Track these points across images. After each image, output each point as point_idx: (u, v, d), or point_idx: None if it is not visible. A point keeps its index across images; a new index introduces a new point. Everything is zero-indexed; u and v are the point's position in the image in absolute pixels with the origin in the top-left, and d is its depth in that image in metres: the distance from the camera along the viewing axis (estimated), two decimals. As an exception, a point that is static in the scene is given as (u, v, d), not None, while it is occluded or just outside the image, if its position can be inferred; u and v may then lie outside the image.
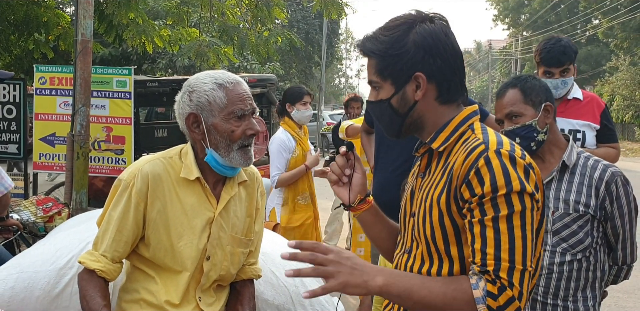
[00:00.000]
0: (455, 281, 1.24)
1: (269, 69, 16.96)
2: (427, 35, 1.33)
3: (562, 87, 2.96)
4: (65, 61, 10.26)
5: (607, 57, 32.97)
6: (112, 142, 5.35)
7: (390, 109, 1.37)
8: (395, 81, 1.35)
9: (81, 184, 4.48)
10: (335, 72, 52.73)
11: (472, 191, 1.23)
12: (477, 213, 1.23)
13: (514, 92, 2.06)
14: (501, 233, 1.20)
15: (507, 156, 1.24)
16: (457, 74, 1.36)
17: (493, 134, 1.33)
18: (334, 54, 31.59)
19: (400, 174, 2.84)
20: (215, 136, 1.81)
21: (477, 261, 1.22)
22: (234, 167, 1.85)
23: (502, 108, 2.08)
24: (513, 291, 1.18)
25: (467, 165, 1.25)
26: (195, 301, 1.86)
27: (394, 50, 1.34)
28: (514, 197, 1.21)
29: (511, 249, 1.20)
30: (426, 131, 1.39)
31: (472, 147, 1.27)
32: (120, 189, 1.84)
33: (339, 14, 7.31)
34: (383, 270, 1.27)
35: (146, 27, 6.91)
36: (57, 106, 5.36)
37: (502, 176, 1.22)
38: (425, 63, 1.32)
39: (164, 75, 14.52)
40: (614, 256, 2.11)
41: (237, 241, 1.93)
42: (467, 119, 1.37)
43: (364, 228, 1.60)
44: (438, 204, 1.30)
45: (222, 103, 1.80)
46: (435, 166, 1.37)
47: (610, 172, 2.01)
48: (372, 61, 1.38)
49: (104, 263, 1.79)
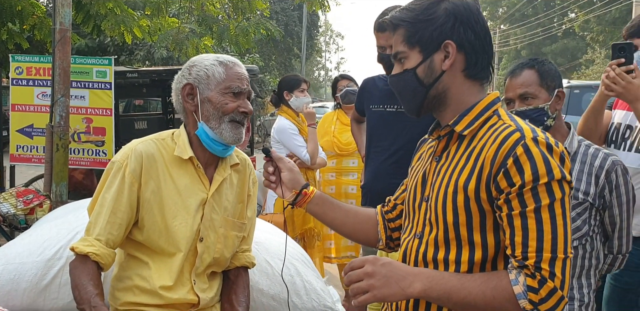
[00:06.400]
0: (494, 278, 1.21)
1: (248, 60, 16.85)
2: (460, 5, 1.31)
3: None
4: (40, 52, 10.02)
5: (583, 50, 33.44)
6: (92, 133, 5.25)
7: (416, 79, 1.33)
8: (423, 48, 1.31)
9: (61, 176, 4.39)
10: (314, 65, 52.65)
11: (510, 180, 1.20)
12: (516, 205, 1.20)
13: (530, 73, 2.03)
14: (544, 222, 1.18)
15: (545, 144, 1.21)
16: (487, 51, 1.33)
17: (522, 122, 1.30)
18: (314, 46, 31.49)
19: (393, 164, 2.82)
20: (208, 107, 1.82)
21: (518, 254, 1.19)
22: (223, 142, 1.83)
23: (516, 88, 2.03)
24: (555, 282, 1.17)
25: (502, 153, 1.21)
26: (190, 283, 1.84)
27: (424, 16, 1.31)
28: (555, 185, 1.19)
29: (554, 239, 1.18)
30: (449, 109, 1.34)
31: (506, 134, 1.24)
32: (113, 171, 1.82)
33: (322, 7, 7.26)
34: (420, 274, 1.25)
35: (125, 17, 6.79)
36: (35, 96, 5.24)
37: (543, 164, 1.19)
38: (456, 32, 1.29)
39: (142, 67, 14.33)
40: (610, 245, 2.11)
41: (230, 223, 1.92)
42: (492, 105, 1.33)
43: (317, 218, 1.62)
44: (465, 190, 1.26)
45: (220, 78, 1.83)
46: (455, 150, 1.33)
47: (610, 160, 2.01)
48: (401, 30, 1.34)
49: (98, 246, 1.75)
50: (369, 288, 1.21)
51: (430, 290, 1.22)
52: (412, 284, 1.22)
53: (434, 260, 1.31)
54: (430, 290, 1.22)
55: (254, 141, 9.94)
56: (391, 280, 1.21)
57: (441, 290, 1.21)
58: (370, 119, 3.02)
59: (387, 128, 2.86)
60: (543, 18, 36.15)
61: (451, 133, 1.36)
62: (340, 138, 4.37)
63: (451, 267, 1.29)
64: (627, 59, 2.28)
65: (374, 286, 1.21)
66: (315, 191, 1.59)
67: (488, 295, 1.19)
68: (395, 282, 1.21)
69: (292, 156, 3.97)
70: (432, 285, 1.22)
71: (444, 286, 1.21)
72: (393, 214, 1.60)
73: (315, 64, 53.08)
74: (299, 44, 24.11)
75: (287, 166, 1.61)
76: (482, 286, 1.20)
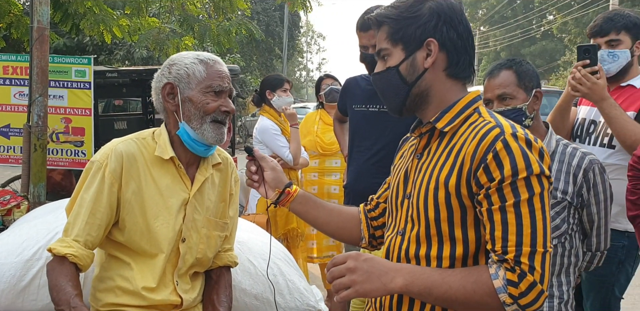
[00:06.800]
0: (475, 272, 1.22)
1: (229, 60, 16.79)
2: (445, 4, 1.33)
3: (609, 61, 2.52)
4: (17, 51, 9.88)
5: (562, 52, 33.86)
6: (71, 133, 5.18)
7: (398, 77, 1.34)
8: (406, 46, 1.33)
9: (39, 177, 4.32)
10: (296, 65, 52.60)
11: (490, 175, 1.21)
12: (495, 199, 1.21)
13: (508, 73, 2.05)
14: (523, 217, 1.19)
15: (524, 139, 1.23)
16: (468, 51, 1.35)
17: (503, 118, 1.32)
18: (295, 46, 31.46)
19: (375, 164, 2.83)
20: (189, 107, 1.79)
21: (498, 248, 1.20)
22: (205, 142, 1.82)
23: (494, 88, 2.05)
24: (534, 276, 1.18)
25: (482, 148, 1.23)
26: (173, 285, 1.82)
27: (408, 13, 1.33)
28: (534, 180, 1.20)
29: (533, 233, 1.19)
30: (431, 107, 1.36)
31: (486, 130, 1.25)
32: (92, 171, 1.79)
33: (304, 8, 7.25)
34: (402, 269, 1.26)
35: (104, 17, 6.72)
36: (12, 96, 5.14)
37: (522, 159, 1.20)
38: (439, 30, 1.31)
39: (121, 66, 14.19)
40: (588, 243, 2.14)
41: (213, 223, 1.90)
42: (473, 102, 1.35)
43: (301, 217, 1.62)
44: (446, 186, 1.27)
45: (200, 76, 1.80)
46: (436, 147, 1.35)
47: (588, 160, 2.03)
48: (385, 27, 1.36)
49: (77, 247, 1.71)
50: (351, 284, 1.22)
51: (411, 285, 1.23)
52: (393, 279, 1.23)
53: (416, 256, 1.32)
54: (411, 285, 1.23)
55: (235, 142, 9.89)
56: (373, 276, 1.22)
57: (422, 285, 1.22)
58: (353, 119, 3.02)
59: (370, 128, 2.87)
60: (522, 20, 36.56)
61: (432, 130, 1.37)
62: (323, 138, 4.37)
63: (433, 263, 1.30)
64: (591, 60, 2.38)
65: (355, 281, 1.22)
66: (298, 190, 1.59)
67: (469, 289, 1.20)
68: (377, 277, 1.22)
69: (275, 156, 3.96)
70: (413, 279, 1.23)
71: (425, 281, 1.22)
72: (376, 213, 1.61)
73: (297, 64, 53.05)
74: (280, 45, 24.07)
75: (269, 165, 1.61)
76: (463, 280, 1.21)
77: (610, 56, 2.50)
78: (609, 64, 2.50)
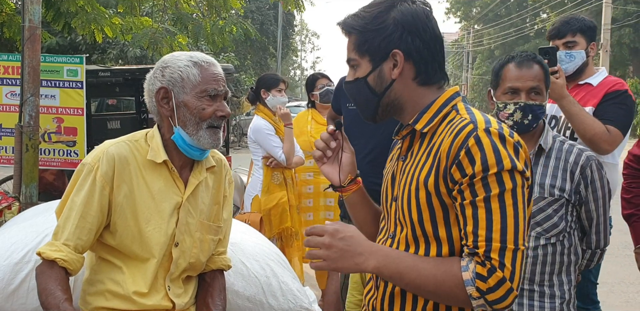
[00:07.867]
0: (446, 263, 1.23)
1: (223, 59, 16.73)
2: (408, 14, 1.32)
3: (567, 61, 2.73)
4: (9, 50, 9.80)
5: (555, 50, 33.87)
6: (63, 133, 5.14)
7: (367, 87, 1.35)
8: (372, 58, 1.34)
9: (31, 177, 4.29)
10: (290, 64, 52.55)
11: (463, 172, 1.22)
12: (467, 194, 1.21)
13: (539, 69, 2.04)
14: (493, 212, 1.19)
15: (497, 134, 1.23)
16: (436, 58, 1.35)
17: (479, 114, 1.31)
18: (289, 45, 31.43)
19: (369, 163, 2.80)
20: (184, 113, 1.76)
21: (469, 243, 1.21)
22: (201, 148, 1.78)
23: (528, 80, 2.02)
24: (504, 272, 1.17)
25: (456, 145, 1.23)
26: (164, 290, 1.79)
27: (373, 26, 1.33)
28: (505, 175, 1.20)
29: (503, 229, 1.18)
30: (406, 112, 1.37)
31: (460, 127, 1.26)
32: (84, 173, 1.75)
33: (297, 7, 7.21)
34: (378, 251, 1.26)
35: (96, 15, 6.66)
36: (3, 96, 5.10)
37: (492, 154, 1.20)
38: (404, 41, 1.31)
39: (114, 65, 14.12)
40: (588, 241, 2.13)
41: (206, 227, 1.87)
42: (450, 100, 1.35)
43: (351, 210, 1.57)
44: (426, 186, 1.27)
45: (195, 80, 1.75)
46: (418, 148, 1.35)
47: (585, 156, 2.02)
48: (352, 38, 1.37)
49: (66, 252, 1.69)
50: (325, 258, 1.25)
51: (383, 268, 1.25)
52: (366, 261, 1.25)
53: None
54: (384, 267, 1.25)
55: (230, 141, 9.86)
56: (346, 254, 1.25)
57: (394, 269, 1.24)
58: (346, 118, 3.01)
59: (363, 127, 2.85)
60: (516, 18, 36.62)
61: (413, 132, 1.37)
62: (317, 138, 4.33)
63: None
64: (551, 61, 2.52)
65: (329, 257, 1.25)
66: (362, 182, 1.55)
67: (439, 278, 1.21)
68: (350, 257, 1.25)
69: (268, 157, 3.94)
70: (386, 263, 1.25)
71: (397, 266, 1.24)
72: None
73: (291, 63, 53.01)
74: (274, 43, 24.02)
75: (351, 148, 1.55)
76: (434, 269, 1.22)
77: (568, 57, 2.72)
78: (567, 64, 2.72)
